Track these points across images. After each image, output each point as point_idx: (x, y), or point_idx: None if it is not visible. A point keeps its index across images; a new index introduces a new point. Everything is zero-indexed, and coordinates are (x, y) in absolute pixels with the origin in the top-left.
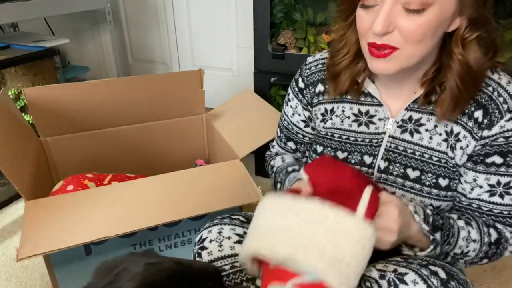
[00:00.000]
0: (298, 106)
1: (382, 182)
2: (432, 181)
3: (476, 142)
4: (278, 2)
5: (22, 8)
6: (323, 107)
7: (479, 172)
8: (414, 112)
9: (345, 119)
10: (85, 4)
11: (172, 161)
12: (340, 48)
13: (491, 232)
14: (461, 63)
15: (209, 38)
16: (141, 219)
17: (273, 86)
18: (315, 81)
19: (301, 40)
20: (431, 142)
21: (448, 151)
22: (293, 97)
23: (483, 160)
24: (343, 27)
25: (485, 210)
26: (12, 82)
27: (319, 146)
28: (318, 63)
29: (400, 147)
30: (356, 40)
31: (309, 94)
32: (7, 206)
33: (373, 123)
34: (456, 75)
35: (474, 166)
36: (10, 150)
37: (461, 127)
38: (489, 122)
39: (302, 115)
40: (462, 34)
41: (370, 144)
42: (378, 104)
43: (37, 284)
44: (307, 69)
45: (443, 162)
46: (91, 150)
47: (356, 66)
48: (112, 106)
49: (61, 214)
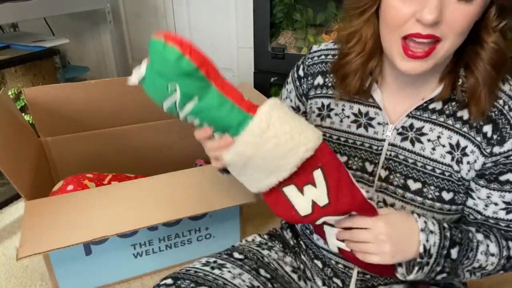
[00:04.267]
0: (292, 92)
1: (382, 191)
2: (435, 194)
3: (485, 158)
4: (278, 2)
5: (22, 8)
6: (320, 101)
7: (493, 190)
8: (416, 119)
9: (344, 119)
10: (85, 4)
11: (172, 161)
12: (353, 46)
13: (511, 246)
14: (495, 50)
15: (209, 38)
16: (140, 218)
17: (273, 86)
18: (315, 73)
19: (301, 40)
20: (434, 153)
21: (453, 164)
22: (290, 81)
23: (497, 178)
24: (358, 23)
25: (503, 226)
26: (12, 82)
27: None
28: (322, 54)
29: (400, 155)
30: (372, 34)
31: (306, 84)
32: (7, 206)
33: (372, 126)
34: (488, 63)
35: (487, 184)
36: (10, 150)
37: (469, 141)
38: (500, 138)
39: (293, 102)
40: (492, 20)
41: (370, 150)
42: (378, 107)
43: (37, 284)
44: (310, 58)
45: (447, 175)
46: (91, 150)
47: (368, 65)
48: (112, 106)
49: (61, 214)
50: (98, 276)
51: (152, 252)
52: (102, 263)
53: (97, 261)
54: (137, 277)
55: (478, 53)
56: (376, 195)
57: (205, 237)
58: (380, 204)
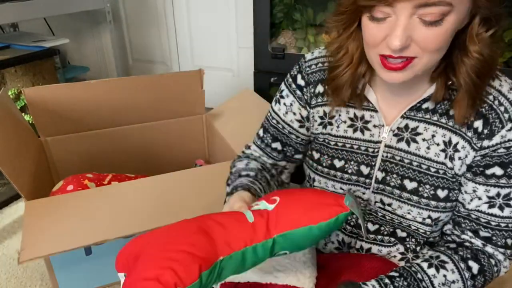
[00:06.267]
0: (294, 104)
1: (379, 192)
2: (430, 192)
3: (475, 152)
4: (278, 2)
5: (22, 8)
6: (321, 110)
7: (479, 184)
8: (410, 120)
9: (341, 124)
10: (85, 4)
11: (172, 161)
12: (340, 58)
13: (471, 265)
14: (478, 60)
15: (209, 38)
16: (141, 220)
17: (273, 86)
18: (315, 81)
19: (301, 40)
20: (428, 152)
21: (447, 162)
22: (288, 94)
23: (483, 171)
24: (343, 37)
25: (483, 221)
26: (12, 82)
27: (316, 152)
28: (318, 62)
29: (396, 157)
30: (357, 47)
31: (309, 93)
32: (7, 206)
33: (368, 129)
34: (472, 71)
35: (473, 177)
36: (10, 150)
37: (460, 137)
38: (489, 132)
39: (297, 114)
40: (477, 30)
41: (366, 153)
42: (373, 109)
43: (37, 284)
44: (307, 66)
45: (442, 173)
46: (91, 150)
47: (357, 71)
48: (112, 106)
49: (61, 214)
50: (98, 276)
51: None
52: (102, 263)
53: (97, 262)
54: None
55: (463, 60)
56: (373, 196)
57: None
58: (377, 204)
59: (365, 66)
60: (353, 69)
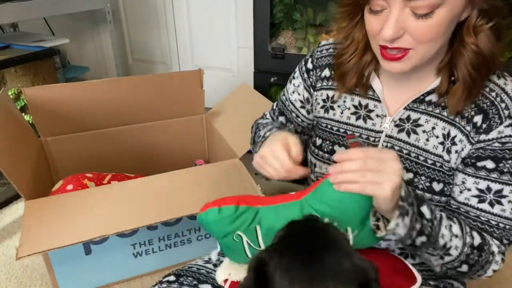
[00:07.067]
0: (300, 85)
1: None
2: (426, 184)
3: (471, 146)
4: (278, 2)
5: (22, 8)
6: (325, 93)
7: (467, 175)
8: (413, 111)
9: (345, 110)
10: (85, 4)
11: (172, 161)
12: (347, 46)
13: (474, 235)
14: (474, 52)
15: (209, 38)
16: (140, 217)
17: (273, 86)
18: (323, 65)
19: (301, 40)
20: (427, 144)
21: (444, 155)
22: (298, 75)
23: (474, 163)
24: (349, 27)
25: (472, 215)
26: (12, 82)
27: (318, 138)
28: (330, 47)
29: (396, 147)
30: (363, 36)
31: (315, 76)
32: (7, 206)
33: (371, 118)
34: (468, 64)
35: (464, 168)
36: (10, 150)
37: (458, 131)
38: (487, 127)
39: (301, 95)
40: (474, 23)
41: (368, 142)
42: (377, 99)
43: (37, 284)
44: (319, 51)
45: (438, 166)
46: (91, 150)
47: (362, 59)
48: (112, 106)
49: (61, 213)
50: (98, 276)
51: (152, 251)
52: (102, 263)
53: (97, 261)
54: (137, 277)
55: (461, 52)
56: None
57: (205, 237)
58: None
59: (371, 55)
60: (358, 57)
